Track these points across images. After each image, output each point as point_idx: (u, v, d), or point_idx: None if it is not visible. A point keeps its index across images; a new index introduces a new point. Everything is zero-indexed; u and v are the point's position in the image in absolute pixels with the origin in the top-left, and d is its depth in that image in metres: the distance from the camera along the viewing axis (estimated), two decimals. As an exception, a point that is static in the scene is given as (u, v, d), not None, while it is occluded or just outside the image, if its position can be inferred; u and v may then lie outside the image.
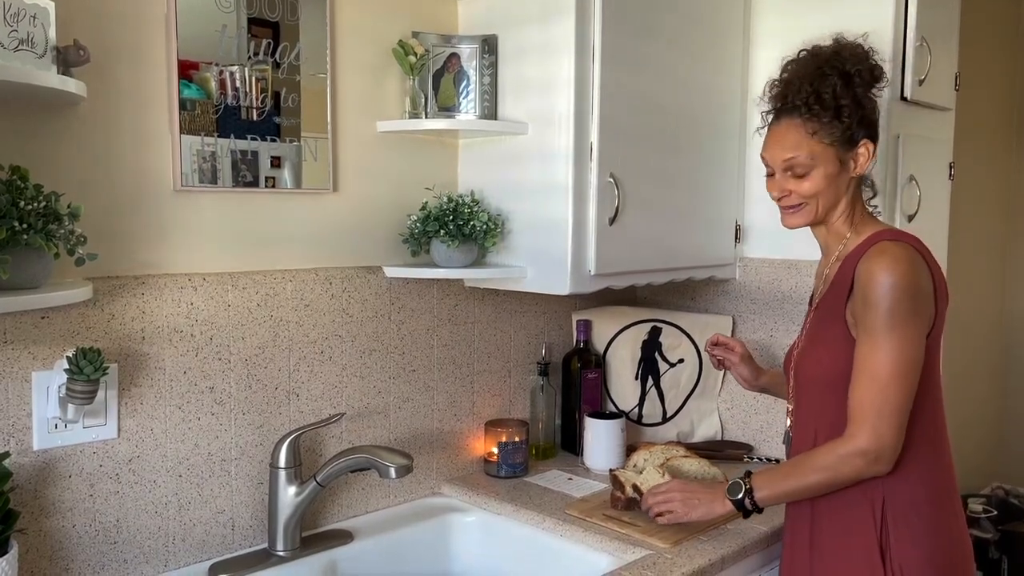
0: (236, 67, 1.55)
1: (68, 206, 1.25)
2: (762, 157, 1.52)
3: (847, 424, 1.38)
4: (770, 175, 1.51)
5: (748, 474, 1.49)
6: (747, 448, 2.16)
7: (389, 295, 1.83)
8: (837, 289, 1.46)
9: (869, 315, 1.36)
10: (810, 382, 1.50)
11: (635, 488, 1.72)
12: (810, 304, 1.60)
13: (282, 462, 1.59)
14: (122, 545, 1.47)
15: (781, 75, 1.51)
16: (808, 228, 1.54)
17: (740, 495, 1.47)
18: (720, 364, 1.85)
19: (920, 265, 1.38)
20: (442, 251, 1.78)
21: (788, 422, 1.58)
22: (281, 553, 1.59)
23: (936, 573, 1.41)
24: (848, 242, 1.48)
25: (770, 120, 1.52)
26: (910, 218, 2.00)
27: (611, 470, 1.85)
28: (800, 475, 1.43)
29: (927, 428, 1.42)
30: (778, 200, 1.51)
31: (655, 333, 2.23)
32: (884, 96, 1.89)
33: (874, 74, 1.47)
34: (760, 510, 1.49)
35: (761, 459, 2.12)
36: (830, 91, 1.43)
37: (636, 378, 2.23)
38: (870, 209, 1.54)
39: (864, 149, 1.45)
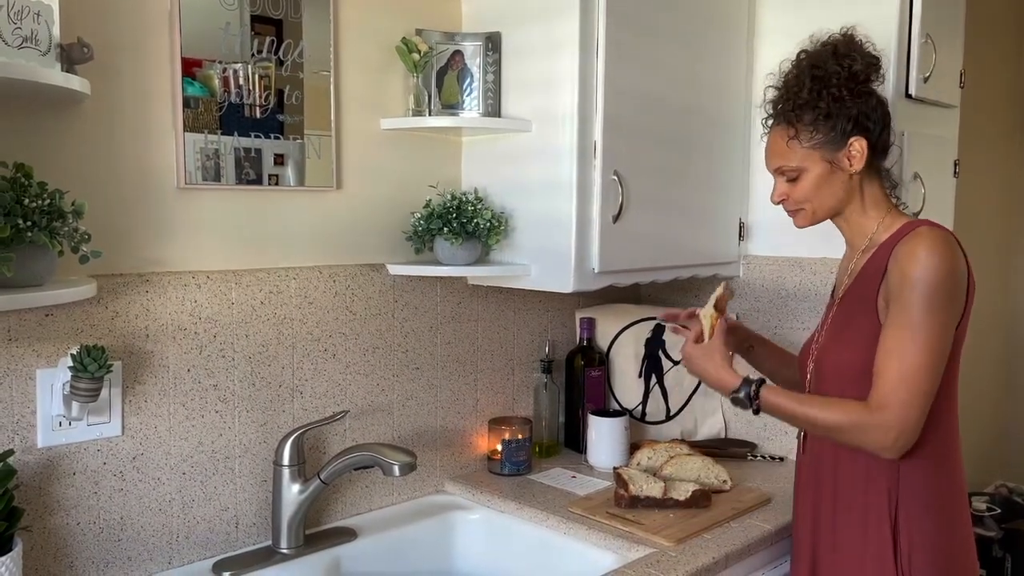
0: (239, 64, 1.55)
1: (72, 203, 1.25)
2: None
3: (872, 392, 1.34)
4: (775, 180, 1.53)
5: (761, 383, 1.45)
6: (751, 446, 2.15)
7: (392, 293, 1.83)
8: (867, 278, 1.44)
9: (906, 294, 1.33)
10: (833, 376, 1.48)
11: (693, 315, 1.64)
12: (831, 298, 1.59)
13: (286, 460, 1.59)
14: (126, 543, 1.47)
15: (776, 82, 1.52)
16: (811, 227, 1.54)
17: (746, 409, 1.46)
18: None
19: (959, 254, 1.38)
20: (446, 249, 1.78)
21: None
22: (285, 551, 1.59)
23: (939, 574, 1.41)
24: (876, 236, 1.47)
25: (769, 126, 1.53)
26: (915, 215, 1.99)
27: (615, 468, 1.85)
28: (810, 420, 1.41)
29: (944, 425, 1.40)
30: (777, 204, 1.53)
31: (659, 331, 2.23)
32: (889, 89, 1.91)
33: (854, 70, 1.44)
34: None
35: (765, 457, 2.11)
36: (806, 96, 1.43)
37: (639, 376, 2.22)
38: (894, 201, 1.52)
39: (857, 146, 1.44)
